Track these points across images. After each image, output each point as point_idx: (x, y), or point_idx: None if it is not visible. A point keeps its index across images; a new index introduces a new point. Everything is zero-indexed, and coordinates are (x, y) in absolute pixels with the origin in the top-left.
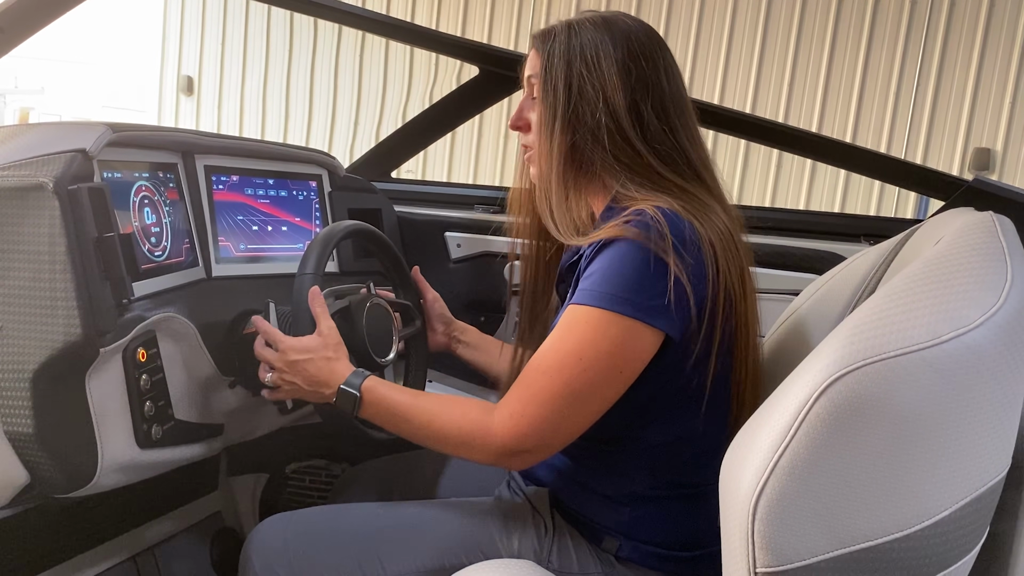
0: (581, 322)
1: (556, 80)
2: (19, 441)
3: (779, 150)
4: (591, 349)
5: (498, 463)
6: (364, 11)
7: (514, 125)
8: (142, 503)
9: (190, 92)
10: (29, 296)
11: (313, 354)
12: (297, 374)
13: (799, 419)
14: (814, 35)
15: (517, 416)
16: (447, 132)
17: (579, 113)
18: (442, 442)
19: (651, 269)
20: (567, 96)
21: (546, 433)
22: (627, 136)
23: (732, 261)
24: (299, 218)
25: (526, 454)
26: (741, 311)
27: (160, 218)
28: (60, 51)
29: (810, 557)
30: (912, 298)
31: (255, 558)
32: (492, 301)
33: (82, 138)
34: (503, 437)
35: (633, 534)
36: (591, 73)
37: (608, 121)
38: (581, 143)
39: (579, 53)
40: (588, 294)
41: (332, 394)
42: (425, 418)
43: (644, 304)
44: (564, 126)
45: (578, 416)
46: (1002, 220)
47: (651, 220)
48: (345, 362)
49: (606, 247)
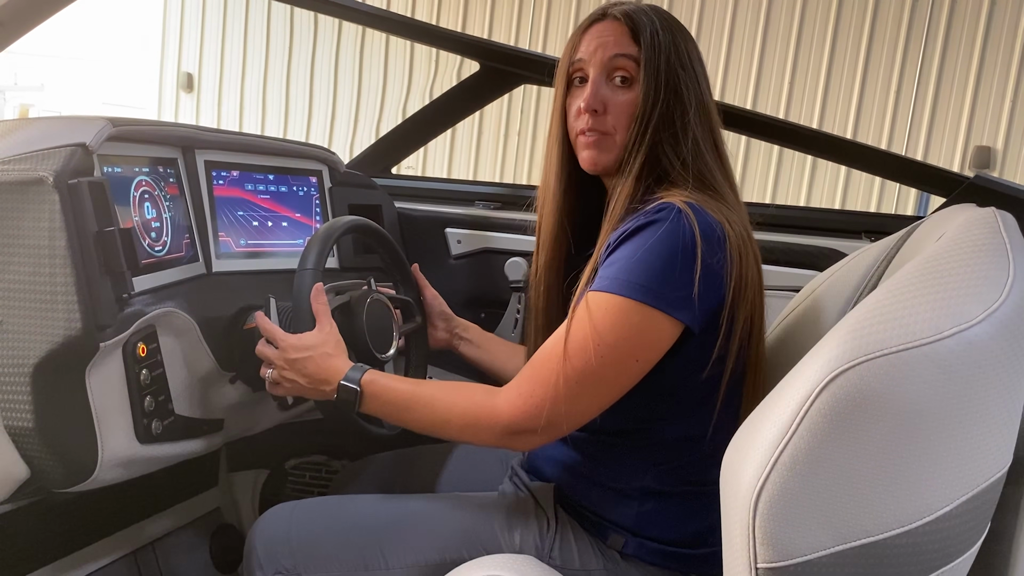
0: (602, 308)
1: (660, 75)
2: (19, 436)
3: (779, 146)
4: (610, 335)
5: (502, 443)
6: (364, 6)
7: (592, 107)
8: (142, 498)
9: (190, 89)
10: (29, 291)
11: (313, 351)
12: (297, 372)
13: (801, 414)
14: (815, 32)
15: (526, 395)
16: (447, 128)
17: (673, 111)
18: (446, 426)
19: (678, 261)
20: (666, 94)
21: (555, 414)
22: (697, 141)
23: (751, 262)
24: (299, 214)
25: (531, 434)
26: (757, 311)
27: (160, 213)
28: (60, 48)
29: (811, 552)
30: (914, 294)
31: (259, 547)
32: (492, 297)
33: (82, 132)
34: (510, 415)
35: (639, 530)
36: (687, 73)
37: (696, 124)
38: (662, 142)
39: (674, 50)
40: (611, 282)
41: (333, 390)
42: (428, 404)
43: (668, 295)
44: (658, 125)
45: (589, 401)
46: (1004, 216)
47: (681, 214)
48: (344, 358)
49: (632, 236)
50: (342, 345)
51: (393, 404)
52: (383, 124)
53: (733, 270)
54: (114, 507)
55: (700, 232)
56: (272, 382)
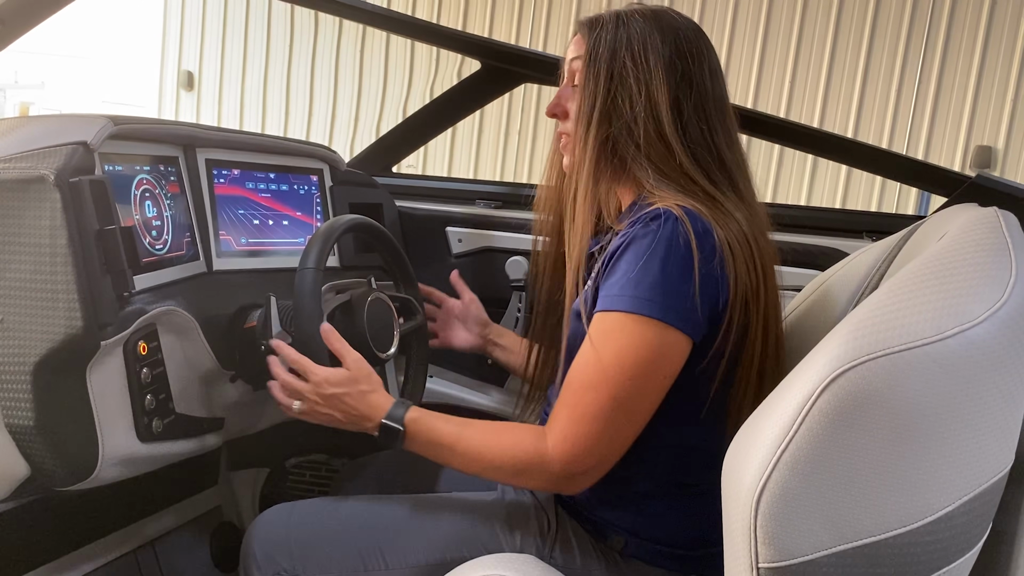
0: (615, 329)
1: (599, 69)
2: (19, 434)
3: (780, 146)
4: (631, 356)
5: (558, 488)
6: (365, 5)
7: (551, 112)
8: (142, 497)
9: (190, 87)
10: (30, 289)
11: (349, 387)
12: (334, 408)
13: (802, 414)
14: (815, 32)
15: (572, 437)
16: (448, 127)
17: (618, 104)
18: (495, 472)
19: (676, 271)
20: (608, 86)
21: (602, 449)
22: (663, 133)
23: (751, 267)
24: (300, 212)
25: (585, 475)
26: (768, 316)
27: (161, 211)
28: (60, 46)
29: (813, 552)
30: (916, 293)
31: (257, 547)
32: (493, 296)
33: (83, 131)
34: (560, 461)
35: (640, 531)
36: (636, 66)
37: (647, 116)
38: (616, 135)
39: (626, 44)
40: (616, 299)
41: (374, 427)
42: (475, 448)
43: (673, 306)
44: (602, 116)
45: (629, 425)
46: (1006, 216)
47: (676, 221)
48: (383, 393)
49: (629, 247)
50: (375, 378)
51: (438, 444)
52: (383, 123)
53: (729, 276)
54: (114, 505)
55: (695, 239)
56: (301, 412)
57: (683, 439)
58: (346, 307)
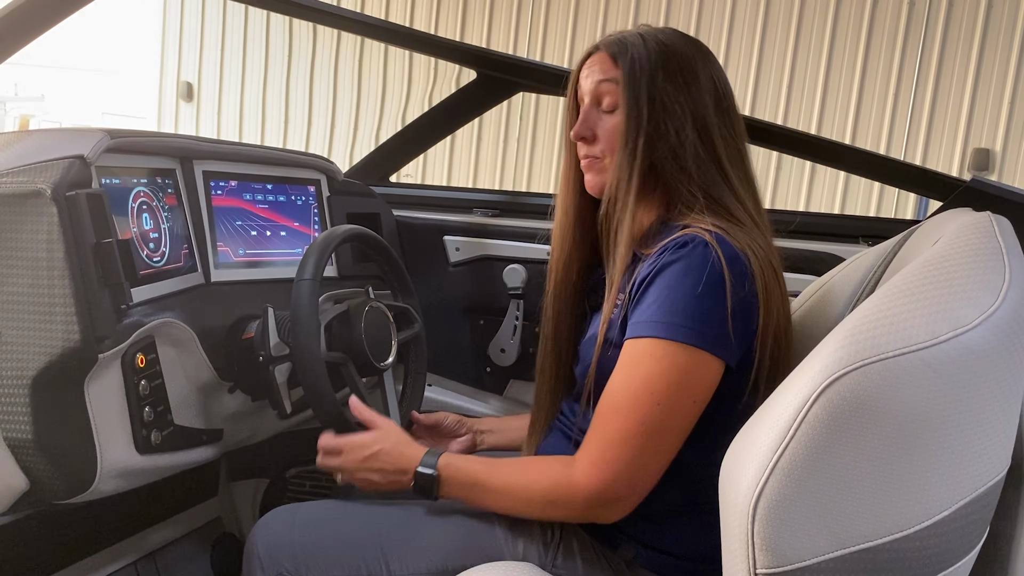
0: (647, 355)
1: (640, 94)
2: (18, 447)
3: (778, 152)
4: (662, 381)
5: (589, 517)
6: (362, 17)
7: (581, 136)
8: (142, 509)
9: (190, 98)
10: (28, 302)
11: (380, 444)
12: (371, 469)
13: (798, 419)
14: (813, 35)
15: (600, 463)
16: (446, 136)
17: (662, 130)
18: (526, 504)
19: (707, 295)
20: (651, 111)
21: (632, 475)
22: (700, 157)
23: (776, 289)
24: (298, 223)
25: (617, 503)
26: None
27: (158, 224)
28: (60, 58)
29: (810, 558)
30: (910, 298)
31: (260, 548)
32: (491, 304)
33: (80, 144)
34: (589, 488)
35: (652, 543)
36: (678, 90)
37: (693, 140)
38: (660, 160)
39: (662, 68)
40: (648, 325)
41: (410, 479)
42: (504, 482)
43: (707, 332)
44: (647, 142)
45: (659, 452)
46: (1000, 220)
47: (706, 246)
48: (414, 444)
49: (659, 273)
50: (404, 433)
51: (470, 484)
52: (382, 132)
53: (760, 301)
54: (114, 518)
55: (727, 265)
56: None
57: (711, 460)
58: (343, 317)
